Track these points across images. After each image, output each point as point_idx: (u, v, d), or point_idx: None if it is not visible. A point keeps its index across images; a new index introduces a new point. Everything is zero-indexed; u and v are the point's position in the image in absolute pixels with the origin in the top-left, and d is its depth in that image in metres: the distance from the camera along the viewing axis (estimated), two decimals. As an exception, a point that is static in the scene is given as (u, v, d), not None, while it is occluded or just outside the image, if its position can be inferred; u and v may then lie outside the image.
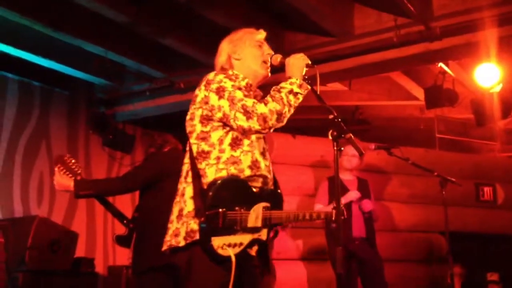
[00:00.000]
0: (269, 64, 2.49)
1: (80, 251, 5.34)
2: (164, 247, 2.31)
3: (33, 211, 5.66)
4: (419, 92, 6.41)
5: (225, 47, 2.52)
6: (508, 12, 4.19)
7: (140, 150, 6.81)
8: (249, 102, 2.24)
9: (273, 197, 2.40)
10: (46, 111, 6.08)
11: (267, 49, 2.52)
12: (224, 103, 2.26)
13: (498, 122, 5.92)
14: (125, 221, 3.69)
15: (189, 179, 2.30)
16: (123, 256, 5.87)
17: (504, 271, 6.40)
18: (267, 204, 2.33)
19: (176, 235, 2.25)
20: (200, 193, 2.23)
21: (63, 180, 3.39)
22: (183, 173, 2.36)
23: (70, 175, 3.42)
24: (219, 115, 2.28)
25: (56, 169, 3.41)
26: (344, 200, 4.49)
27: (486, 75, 5.24)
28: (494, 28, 4.24)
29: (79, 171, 3.46)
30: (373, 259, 4.65)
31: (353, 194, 4.59)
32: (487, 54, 4.70)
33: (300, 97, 2.34)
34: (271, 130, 2.35)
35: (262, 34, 2.54)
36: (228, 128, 2.30)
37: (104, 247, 6.37)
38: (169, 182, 3.46)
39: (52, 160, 5.98)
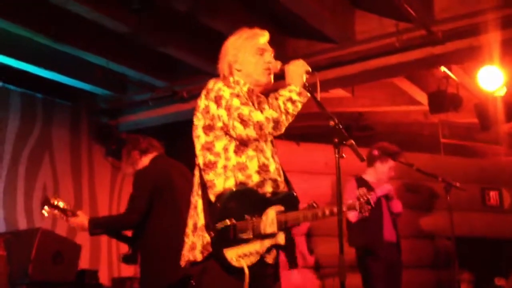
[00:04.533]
0: (271, 70, 2.44)
1: (84, 263, 5.31)
2: (182, 262, 2.29)
3: (36, 223, 5.63)
4: (422, 97, 6.38)
5: (226, 54, 2.48)
6: (510, 14, 4.16)
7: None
8: (246, 110, 2.21)
9: (287, 199, 2.35)
10: (48, 123, 6.07)
11: (268, 55, 2.46)
12: (222, 112, 2.24)
13: (502, 125, 5.88)
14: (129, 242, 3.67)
15: (200, 192, 2.27)
16: (127, 268, 5.83)
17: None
18: (281, 208, 2.29)
19: (193, 248, 2.23)
20: (208, 205, 2.20)
21: (77, 221, 3.44)
22: (195, 186, 2.34)
23: (64, 216, 3.43)
24: (219, 124, 2.26)
25: (44, 212, 3.40)
26: (380, 192, 4.42)
27: (490, 79, 5.21)
28: (496, 31, 4.21)
29: (68, 207, 3.46)
30: (399, 265, 4.57)
31: (387, 186, 4.54)
32: (490, 58, 4.68)
33: (299, 105, 2.32)
34: (269, 138, 2.32)
35: (265, 37, 2.49)
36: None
37: (108, 259, 6.34)
38: (165, 197, 3.46)
39: (55, 172, 5.99)
